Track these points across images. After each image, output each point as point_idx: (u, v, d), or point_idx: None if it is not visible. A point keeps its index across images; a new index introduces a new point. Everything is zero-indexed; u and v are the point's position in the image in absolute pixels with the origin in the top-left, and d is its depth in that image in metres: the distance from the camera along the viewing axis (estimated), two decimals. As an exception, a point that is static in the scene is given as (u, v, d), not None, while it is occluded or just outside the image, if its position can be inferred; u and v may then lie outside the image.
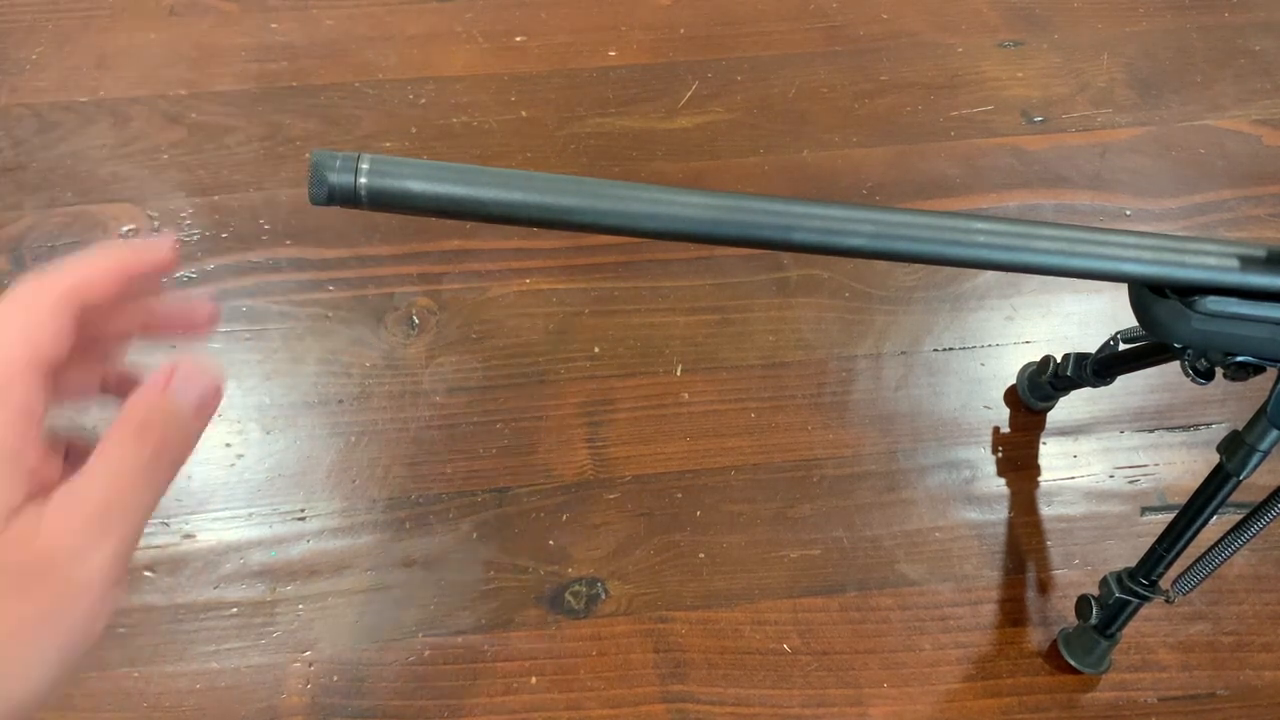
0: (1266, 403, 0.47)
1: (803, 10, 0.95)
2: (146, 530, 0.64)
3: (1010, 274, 0.67)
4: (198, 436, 0.29)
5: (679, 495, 0.66)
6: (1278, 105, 0.89)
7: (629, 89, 0.88)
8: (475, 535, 0.64)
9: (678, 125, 0.85)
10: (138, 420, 0.28)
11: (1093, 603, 0.58)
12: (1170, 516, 0.53)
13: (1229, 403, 0.71)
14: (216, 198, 0.78)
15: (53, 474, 0.27)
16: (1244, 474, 0.49)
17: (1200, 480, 0.51)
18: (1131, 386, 0.70)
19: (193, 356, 0.30)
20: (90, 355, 0.31)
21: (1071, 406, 0.70)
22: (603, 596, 0.62)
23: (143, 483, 0.27)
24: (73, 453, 0.29)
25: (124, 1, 0.91)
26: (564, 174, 0.36)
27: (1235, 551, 0.51)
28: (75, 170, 0.80)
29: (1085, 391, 0.68)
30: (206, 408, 0.29)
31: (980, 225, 0.37)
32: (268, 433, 0.67)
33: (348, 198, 0.34)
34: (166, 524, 0.63)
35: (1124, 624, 0.57)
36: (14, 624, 0.24)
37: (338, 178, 0.34)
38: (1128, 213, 0.82)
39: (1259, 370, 0.44)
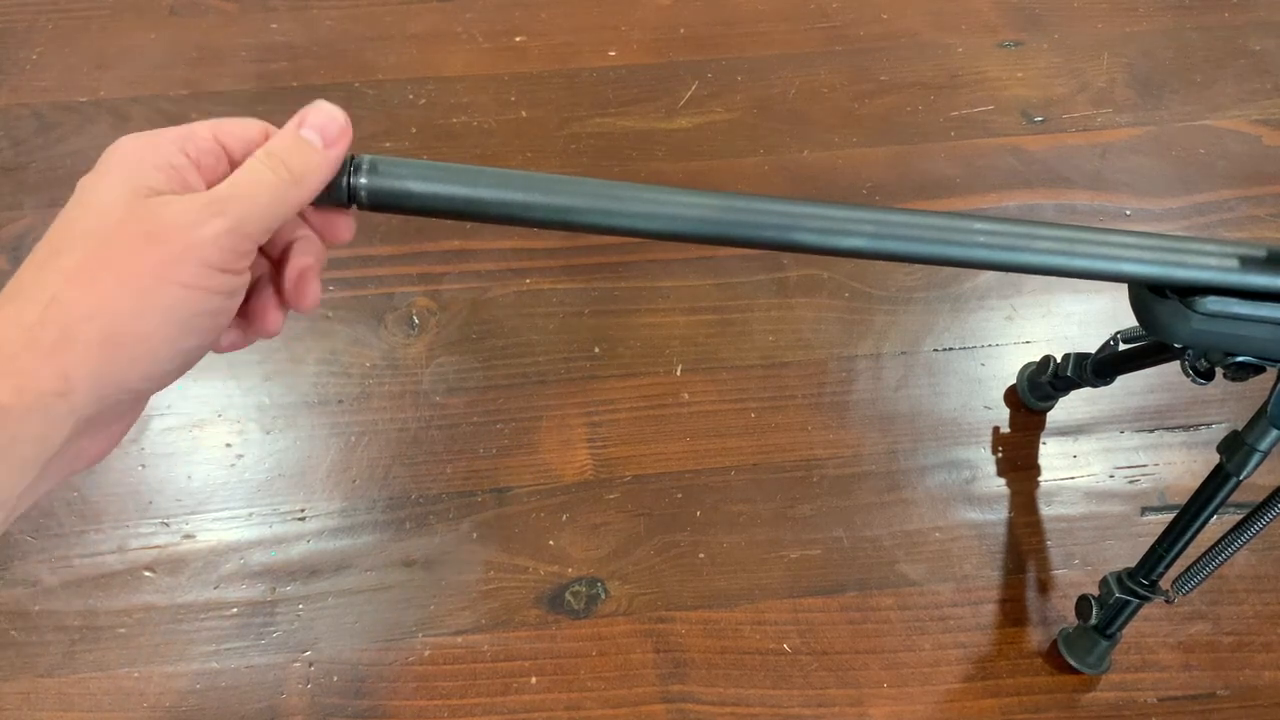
0: (1266, 403, 0.47)
1: (803, 10, 0.95)
2: (146, 530, 0.64)
3: (1010, 274, 0.67)
4: (331, 162, 0.33)
5: (679, 495, 0.66)
6: (1278, 105, 0.89)
7: (629, 89, 0.88)
8: (475, 535, 0.64)
9: (678, 125, 0.85)
10: (267, 148, 0.33)
11: (1093, 603, 0.58)
12: (1170, 516, 0.53)
13: (1229, 403, 0.71)
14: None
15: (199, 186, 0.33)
16: (1244, 474, 0.49)
17: (1200, 480, 0.51)
18: (1131, 386, 0.70)
19: (320, 103, 0.34)
20: None
21: (1071, 406, 0.70)
22: (603, 596, 0.62)
23: (266, 189, 0.32)
24: None
25: (124, 1, 0.91)
26: (564, 174, 0.36)
27: (1235, 551, 0.51)
28: (75, 170, 0.79)
29: (1085, 391, 0.68)
30: (333, 143, 0.33)
31: (980, 225, 0.37)
32: (268, 433, 0.67)
33: (338, 199, 0.34)
34: (166, 524, 0.63)
35: (1124, 624, 0.57)
36: (141, 268, 0.29)
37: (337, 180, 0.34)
38: (1128, 213, 0.82)
39: (1259, 370, 0.44)
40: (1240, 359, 0.43)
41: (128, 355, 0.29)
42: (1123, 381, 0.67)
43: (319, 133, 0.33)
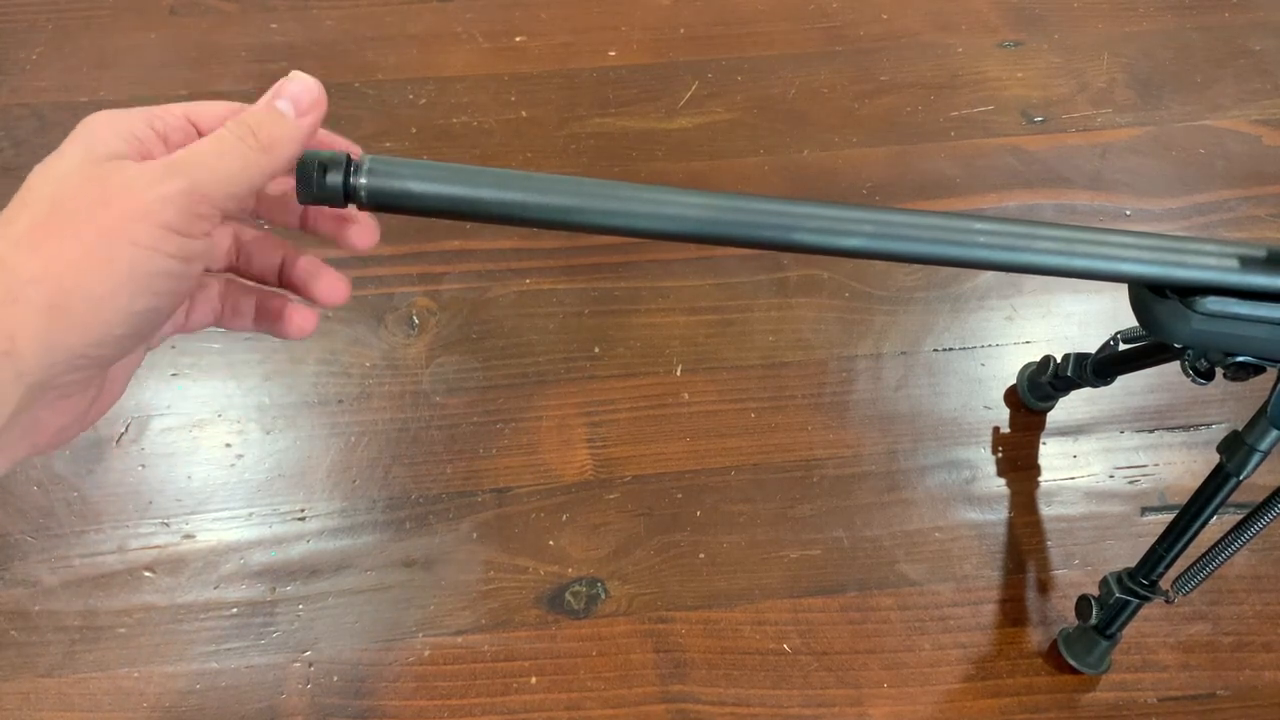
0: (1267, 403, 0.47)
1: (803, 10, 0.95)
2: (146, 530, 0.64)
3: (1010, 274, 0.67)
4: (299, 138, 0.33)
5: (679, 495, 0.66)
6: (1278, 105, 0.89)
7: (629, 89, 0.88)
8: (475, 535, 0.64)
9: (678, 125, 0.85)
10: (239, 115, 0.33)
11: (1093, 603, 0.58)
12: (1170, 516, 0.53)
13: (1229, 403, 0.71)
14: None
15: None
16: (1244, 474, 0.49)
17: (1200, 480, 0.51)
18: (1131, 386, 0.70)
19: (295, 74, 0.34)
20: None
21: (1071, 406, 0.70)
22: (603, 596, 0.62)
23: (229, 154, 0.31)
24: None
25: (124, 1, 0.91)
26: (564, 174, 0.36)
27: (1235, 551, 0.51)
28: (75, 170, 0.79)
29: (1085, 391, 0.68)
30: (306, 113, 0.33)
31: (980, 225, 0.37)
32: (268, 433, 0.67)
33: (332, 198, 0.34)
34: (166, 524, 0.63)
35: (1124, 624, 0.57)
36: (90, 229, 0.29)
37: (324, 178, 0.34)
38: (1128, 213, 0.82)
39: (1259, 370, 0.44)
40: (1240, 359, 0.43)
41: (78, 318, 0.29)
42: (1123, 381, 0.67)
43: (292, 102, 0.33)
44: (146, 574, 0.61)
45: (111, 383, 0.34)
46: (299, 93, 0.33)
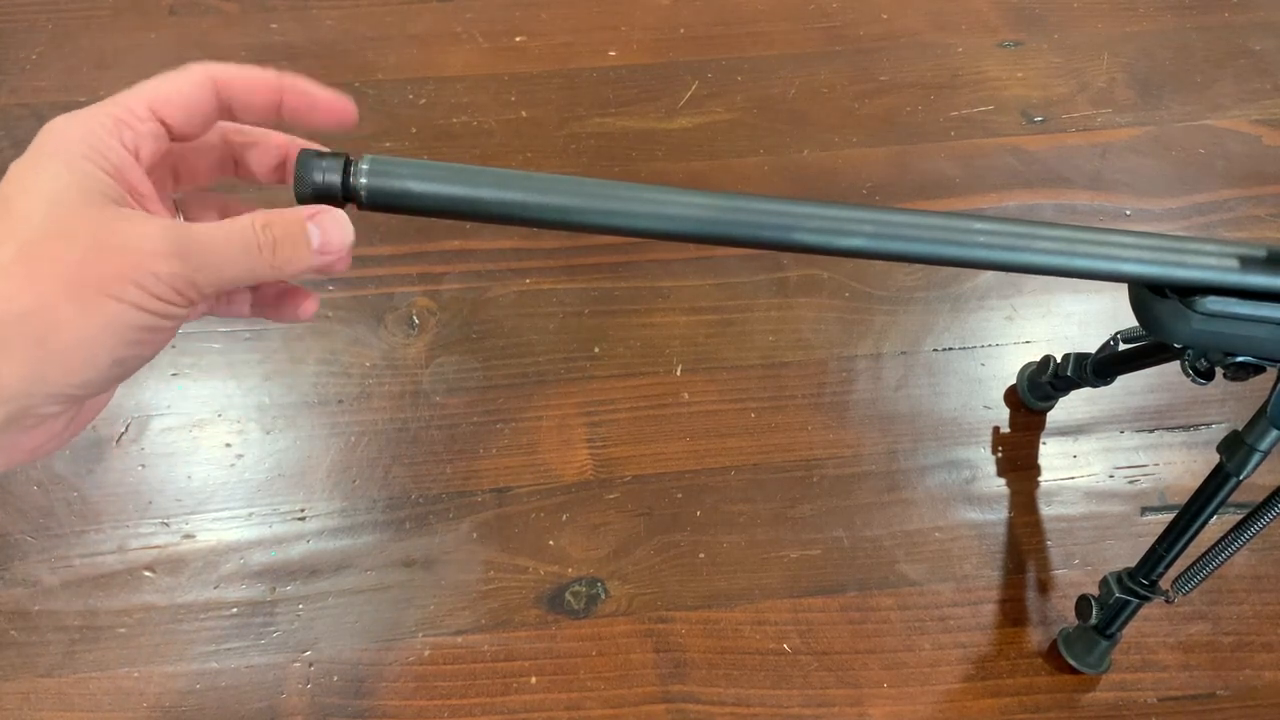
0: (1266, 403, 0.47)
1: (803, 10, 0.95)
2: (146, 530, 0.64)
3: (1010, 274, 0.67)
4: (306, 264, 0.33)
5: (679, 495, 0.66)
6: (1278, 105, 0.89)
7: (629, 89, 0.88)
8: (475, 535, 0.64)
9: (678, 125, 0.85)
10: (268, 218, 0.32)
11: (1093, 603, 0.58)
12: (1170, 516, 0.53)
13: (1229, 403, 0.71)
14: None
15: (153, 201, 0.32)
16: (1244, 474, 0.49)
17: (1200, 480, 0.51)
18: (1131, 386, 0.70)
19: (338, 213, 0.34)
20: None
21: (1071, 406, 0.70)
22: (603, 596, 0.62)
23: (238, 256, 0.31)
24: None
25: (124, 1, 0.91)
26: (564, 174, 0.36)
27: (1235, 551, 0.51)
28: (75, 170, 0.79)
29: (1085, 391, 0.68)
30: (327, 250, 0.33)
31: (980, 225, 0.37)
32: (268, 433, 0.67)
33: (331, 196, 0.34)
34: (166, 524, 0.63)
35: (1124, 624, 0.57)
36: (85, 276, 0.28)
37: (323, 177, 0.34)
38: (1128, 213, 0.82)
39: (1259, 370, 0.44)
40: (1240, 359, 0.43)
41: (60, 360, 0.29)
42: (1123, 381, 0.67)
43: (322, 235, 0.33)
44: (146, 574, 0.61)
45: (91, 405, 0.34)
46: (334, 232, 0.33)
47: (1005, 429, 0.70)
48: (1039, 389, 0.69)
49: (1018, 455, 0.69)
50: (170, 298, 0.30)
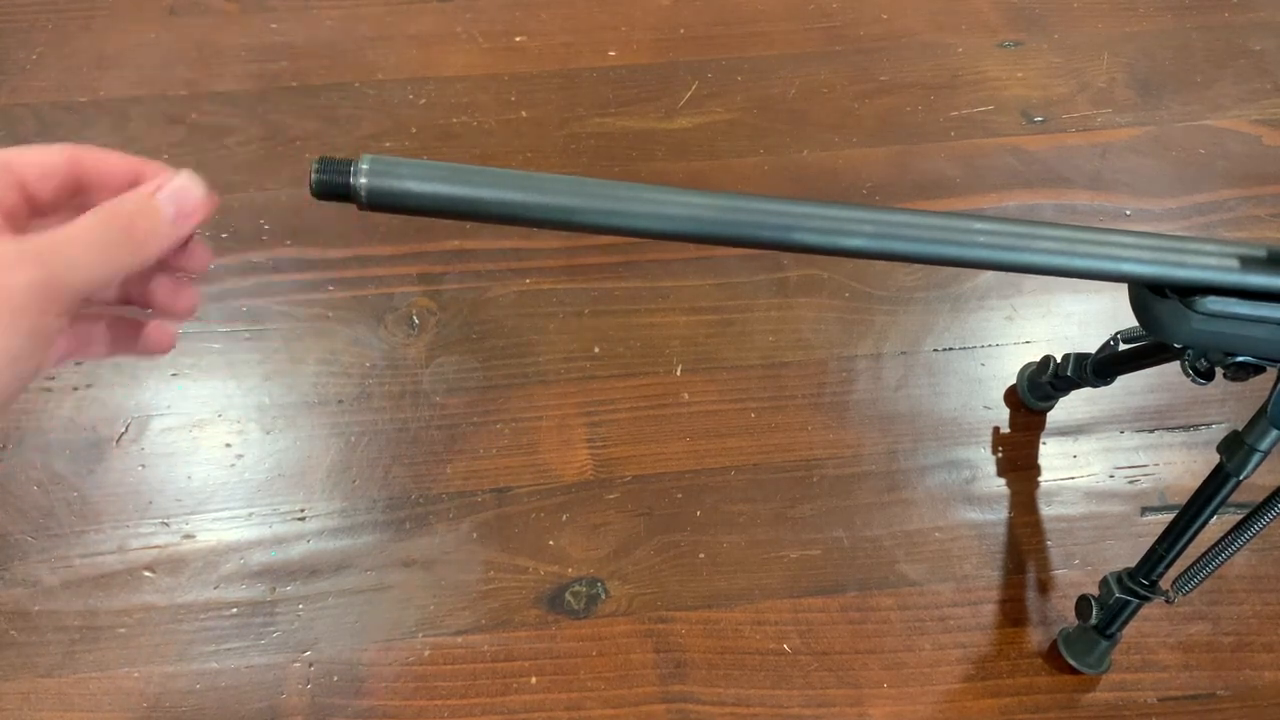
0: (1267, 403, 0.47)
1: (803, 10, 0.95)
2: (146, 530, 0.64)
3: (1010, 274, 0.67)
4: (172, 238, 0.32)
5: (679, 495, 0.66)
6: (1278, 105, 0.89)
7: (629, 89, 0.88)
8: (475, 535, 0.64)
9: (678, 125, 0.85)
10: (115, 206, 0.31)
11: (1093, 603, 0.58)
12: (1170, 516, 0.53)
13: (1229, 403, 0.71)
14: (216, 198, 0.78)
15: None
16: (1244, 474, 0.49)
17: (1200, 480, 0.51)
18: (1131, 386, 0.70)
19: (184, 173, 0.33)
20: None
21: (1071, 406, 0.70)
22: (603, 596, 0.62)
23: (96, 248, 0.30)
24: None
25: (124, 1, 0.91)
26: (564, 174, 0.36)
27: (1235, 551, 0.51)
28: (75, 170, 0.79)
29: (1085, 391, 0.68)
30: (185, 216, 0.33)
31: (980, 225, 0.37)
32: (268, 433, 0.67)
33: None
34: (166, 524, 0.63)
35: (1124, 624, 0.57)
36: None
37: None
38: (1128, 213, 0.82)
39: (1259, 370, 0.44)
40: (1240, 359, 0.43)
41: None
42: (1123, 381, 0.67)
43: (174, 202, 0.32)
44: (146, 574, 0.61)
45: None
46: (183, 194, 0.32)
47: (1005, 429, 0.70)
48: (1039, 389, 0.69)
49: (1018, 455, 0.69)
50: (37, 312, 0.29)
